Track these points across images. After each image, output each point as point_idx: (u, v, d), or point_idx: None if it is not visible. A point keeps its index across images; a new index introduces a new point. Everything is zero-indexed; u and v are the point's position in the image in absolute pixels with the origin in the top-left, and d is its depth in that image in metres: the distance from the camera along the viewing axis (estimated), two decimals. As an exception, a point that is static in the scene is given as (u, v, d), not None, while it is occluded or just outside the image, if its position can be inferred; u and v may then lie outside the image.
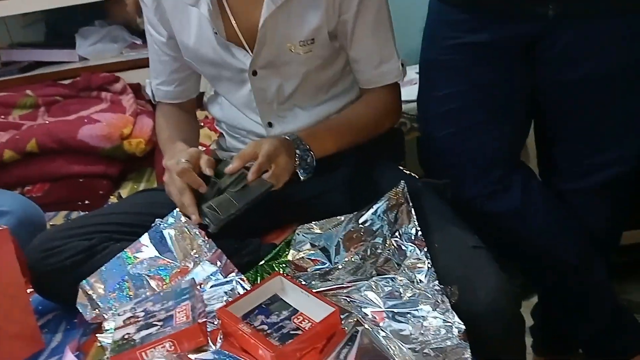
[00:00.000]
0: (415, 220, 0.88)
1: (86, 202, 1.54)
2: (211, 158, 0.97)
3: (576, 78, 1.03)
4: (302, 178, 0.97)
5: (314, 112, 1.10)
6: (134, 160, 1.68)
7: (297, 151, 0.96)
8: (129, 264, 0.97)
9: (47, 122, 1.73)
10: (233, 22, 1.01)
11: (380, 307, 0.85)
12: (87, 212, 1.46)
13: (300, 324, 0.84)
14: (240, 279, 0.96)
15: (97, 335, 0.90)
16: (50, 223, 1.40)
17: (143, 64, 1.90)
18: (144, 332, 0.84)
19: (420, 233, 0.87)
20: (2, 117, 1.82)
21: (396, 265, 0.89)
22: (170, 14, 1.06)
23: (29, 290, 0.98)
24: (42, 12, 2.12)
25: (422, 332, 0.80)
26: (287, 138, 0.97)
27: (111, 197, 1.58)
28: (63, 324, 0.99)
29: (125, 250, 0.97)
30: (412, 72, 1.28)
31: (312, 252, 1.00)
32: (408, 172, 1.08)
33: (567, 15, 0.96)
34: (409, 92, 1.30)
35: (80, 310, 0.93)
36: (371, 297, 0.88)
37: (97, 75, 1.86)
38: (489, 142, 1.11)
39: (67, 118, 1.72)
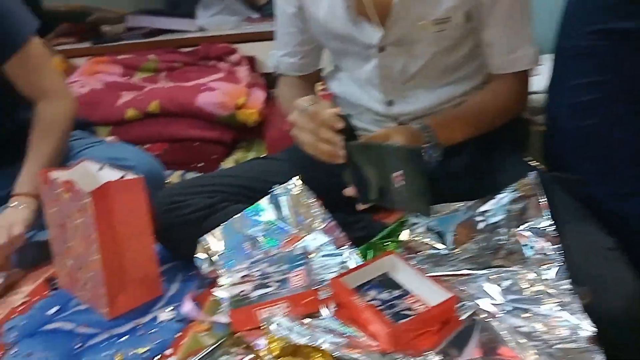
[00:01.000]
0: (549, 214, 0.83)
1: (200, 164, 1.60)
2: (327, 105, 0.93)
3: None
4: None
5: (436, 93, 1.07)
6: (245, 129, 1.73)
7: (426, 144, 0.93)
8: (248, 225, 0.99)
9: (167, 86, 1.82)
10: None
11: (499, 301, 0.82)
12: (204, 173, 1.53)
13: (412, 305, 0.83)
14: (353, 253, 0.96)
15: (212, 289, 0.93)
16: (167, 181, 1.47)
17: (259, 37, 1.96)
18: (260, 291, 0.86)
19: (552, 228, 0.82)
20: (127, 77, 1.93)
21: (520, 259, 0.85)
22: None
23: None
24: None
25: (544, 330, 0.76)
26: (418, 130, 0.94)
27: (223, 162, 1.64)
28: (180, 275, 1.03)
29: (245, 210, 0.99)
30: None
31: (427, 235, 0.97)
32: (535, 163, 1.03)
33: None
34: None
35: (198, 264, 0.97)
36: (488, 289, 0.85)
37: (215, 45, 1.93)
38: (627, 138, 1.03)
39: (186, 84, 1.79)
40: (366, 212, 1.10)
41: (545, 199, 0.85)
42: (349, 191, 0.91)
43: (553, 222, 0.84)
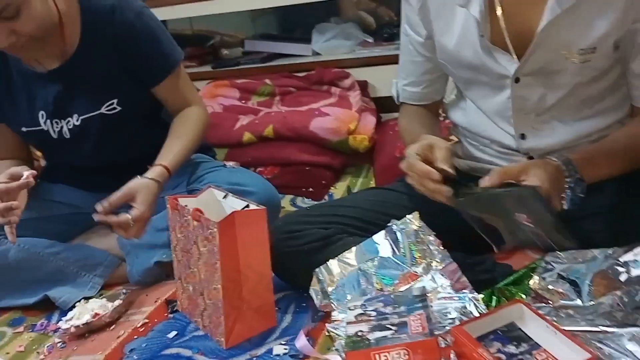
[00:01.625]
0: None
1: (310, 189, 1.61)
2: (449, 148, 0.93)
3: None
4: (565, 208, 0.87)
5: (574, 127, 0.99)
6: (354, 155, 1.72)
7: (568, 180, 0.86)
8: (363, 260, 0.97)
9: (281, 110, 1.86)
10: (503, 24, 0.95)
11: (645, 364, 0.73)
12: (312, 200, 1.54)
13: (543, 362, 0.76)
14: (475, 298, 0.91)
15: (326, 324, 0.92)
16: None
17: (372, 62, 1.95)
18: (378, 334, 0.83)
19: None
20: (243, 101, 2.01)
21: (675, 320, 0.75)
22: (434, 14, 1.03)
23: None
24: (281, 6, 2.29)
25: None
26: (559, 163, 0.88)
27: (331, 187, 1.63)
28: (293, 306, 1.03)
29: (361, 243, 0.97)
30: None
31: (560, 283, 0.89)
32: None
33: None
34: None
35: (312, 296, 0.96)
36: (632, 349, 0.76)
37: (329, 70, 1.95)
38: None
39: (299, 109, 1.82)
40: (488, 253, 1.04)
41: None
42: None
43: None
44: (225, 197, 0.99)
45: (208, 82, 2.10)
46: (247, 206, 0.94)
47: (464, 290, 0.92)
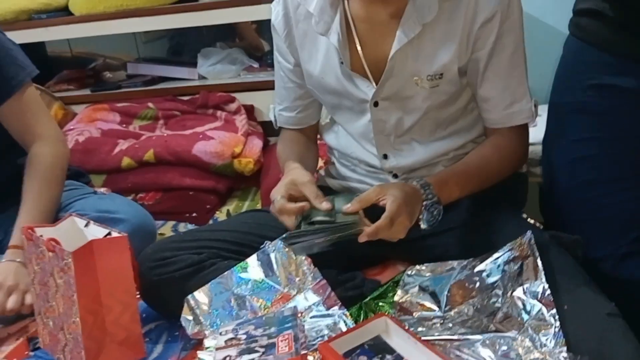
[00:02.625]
0: (544, 276, 0.80)
1: (194, 214, 1.58)
2: (312, 180, 0.95)
3: None
4: (422, 227, 0.92)
5: (432, 147, 1.06)
6: (240, 178, 1.71)
7: (425, 202, 0.91)
8: (236, 284, 0.96)
9: (164, 134, 1.82)
10: (360, 53, 1.00)
11: (495, 367, 0.78)
12: (196, 226, 1.51)
13: (405, 372, 0.79)
14: (344, 313, 0.93)
15: (198, 352, 0.90)
16: (159, 232, 1.45)
17: (258, 86, 1.97)
18: (245, 357, 0.82)
19: (548, 292, 0.79)
20: (124, 125, 1.94)
21: (517, 323, 0.81)
22: (299, 42, 1.07)
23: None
24: (168, 30, 2.26)
25: (542, 402, 0.72)
26: (416, 187, 0.92)
27: (217, 212, 1.62)
28: (164, 335, 1.00)
29: (233, 268, 0.97)
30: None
31: (421, 295, 0.94)
32: (532, 221, 1.00)
33: None
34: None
35: (184, 325, 0.94)
36: (485, 354, 0.81)
37: (214, 94, 1.94)
38: (626, 201, 1.01)
39: (183, 132, 1.79)
40: (356, 268, 1.08)
41: (539, 261, 0.82)
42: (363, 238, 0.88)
43: (549, 284, 0.80)
44: (87, 225, 0.95)
45: (87, 106, 2.01)
46: (109, 234, 0.91)
47: (334, 307, 0.94)
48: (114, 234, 0.90)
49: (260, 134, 1.88)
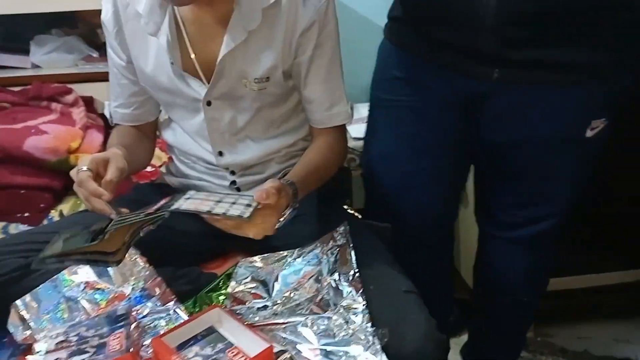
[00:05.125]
0: (354, 262, 0.91)
1: (26, 214, 1.50)
2: (121, 168, 0.93)
3: (511, 141, 1.10)
4: (279, 225, 0.94)
5: (265, 144, 1.13)
6: (79, 175, 1.65)
7: (292, 205, 0.94)
8: (66, 286, 0.96)
9: (-9, 128, 1.69)
10: (192, 54, 1.04)
11: (315, 345, 0.88)
12: (29, 227, 1.43)
13: (234, 358, 0.86)
14: (178, 308, 0.97)
15: (27, 357, 0.88)
16: (-15, 235, 1.36)
17: (98, 77, 1.89)
18: (76, 358, 0.83)
19: (357, 275, 0.90)
20: (-57, 118, 1.76)
21: (332, 305, 0.91)
22: (130, 40, 1.07)
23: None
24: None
25: (352, 371, 0.83)
26: (286, 184, 0.94)
27: (52, 211, 1.55)
28: (-10, 344, 0.96)
29: (62, 271, 0.96)
30: (364, 110, 1.33)
31: (253, 285, 1.01)
32: (352, 211, 1.12)
33: (510, 81, 1.03)
34: (360, 129, 1.34)
35: (11, 331, 0.92)
36: (306, 334, 0.91)
37: (48, 85, 1.83)
38: (424, 194, 1.17)
39: (13, 126, 1.67)
40: (195, 264, 1.12)
41: (352, 248, 0.94)
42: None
43: (359, 268, 0.92)
44: None
45: None
46: None
47: (169, 303, 0.98)
48: None
49: (100, 127, 1.80)
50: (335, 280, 0.93)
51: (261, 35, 1.02)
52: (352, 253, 0.94)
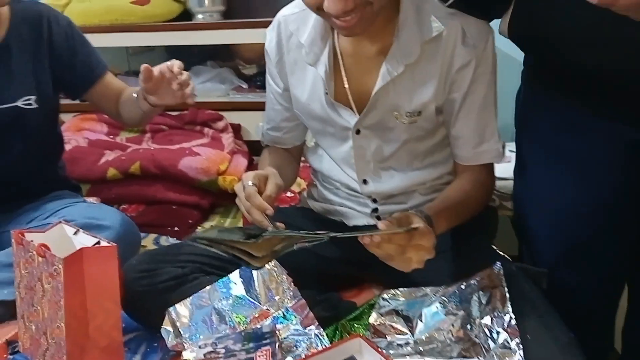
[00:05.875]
0: (510, 306, 0.85)
1: (175, 228, 1.61)
2: (279, 185, 0.97)
3: None
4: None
5: (409, 175, 1.12)
6: (224, 195, 1.74)
7: None
8: (217, 299, 0.99)
9: (151, 147, 1.85)
10: (346, 84, 1.06)
11: (460, 391, 0.83)
12: (177, 240, 1.53)
13: (375, 391, 0.83)
14: (320, 333, 0.96)
15: (175, 363, 0.92)
16: (141, 244, 1.47)
17: (246, 106, 2.02)
18: (223, 370, 0.85)
19: (514, 321, 0.84)
20: (111, 137, 1.96)
21: (484, 350, 0.86)
22: (289, 69, 1.12)
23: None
24: (160, 46, 2.29)
25: None
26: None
27: (199, 227, 1.64)
28: (143, 346, 1.02)
29: (215, 283, 1.00)
30: (506, 150, 1.26)
31: (395, 319, 0.98)
32: (502, 253, 1.06)
33: None
34: (501, 169, 1.28)
35: (163, 336, 0.96)
36: (451, 378, 0.86)
37: (203, 111, 1.98)
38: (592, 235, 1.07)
39: (170, 147, 1.82)
40: (332, 289, 1.12)
41: (506, 291, 0.88)
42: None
43: (515, 314, 0.85)
44: (76, 233, 0.97)
45: (75, 115, 2.03)
46: (99, 242, 0.93)
47: (311, 327, 0.98)
48: (103, 243, 0.93)
49: (245, 153, 1.92)
50: (487, 324, 0.88)
51: (418, 70, 1.02)
52: (507, 296, 0.87)
